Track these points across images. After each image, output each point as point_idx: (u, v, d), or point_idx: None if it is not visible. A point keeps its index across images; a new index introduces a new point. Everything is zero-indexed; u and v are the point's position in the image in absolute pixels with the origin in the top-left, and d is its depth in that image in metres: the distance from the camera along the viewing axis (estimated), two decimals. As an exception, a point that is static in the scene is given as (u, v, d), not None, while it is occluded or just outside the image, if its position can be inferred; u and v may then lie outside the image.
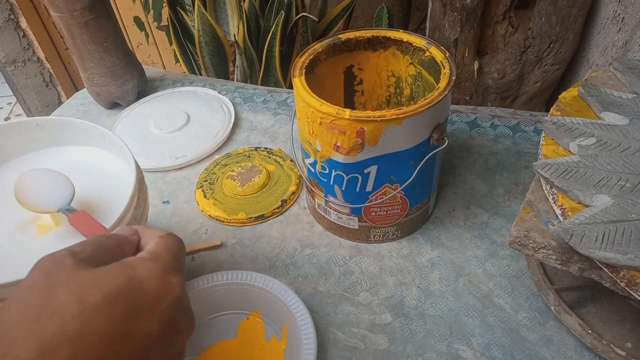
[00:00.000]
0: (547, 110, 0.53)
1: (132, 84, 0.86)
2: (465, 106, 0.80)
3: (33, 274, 0.27)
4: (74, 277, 0.26)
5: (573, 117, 0.51)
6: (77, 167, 0.54)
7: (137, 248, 0.33)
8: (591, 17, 1.05)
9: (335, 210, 0.61)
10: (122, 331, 0.26)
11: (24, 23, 1.70)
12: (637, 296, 0.39)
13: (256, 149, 0.77)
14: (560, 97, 0.55)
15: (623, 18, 0.93)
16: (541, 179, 0.48)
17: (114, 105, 0.89)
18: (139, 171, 0.50)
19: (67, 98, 0.95)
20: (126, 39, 0.85)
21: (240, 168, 0.73)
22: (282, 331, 0.53)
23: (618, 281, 0.40)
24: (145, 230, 0.34)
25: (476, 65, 1.12)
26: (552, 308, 0.53)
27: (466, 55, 1.11)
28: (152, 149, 0.79)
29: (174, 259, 0.31)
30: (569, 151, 0.49)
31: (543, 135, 0.51)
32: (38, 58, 1.79)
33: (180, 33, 1.16)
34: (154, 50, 1.89)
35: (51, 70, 1.84)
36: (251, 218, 0.67)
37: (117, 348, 0.26)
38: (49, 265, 0.27)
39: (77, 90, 0.96)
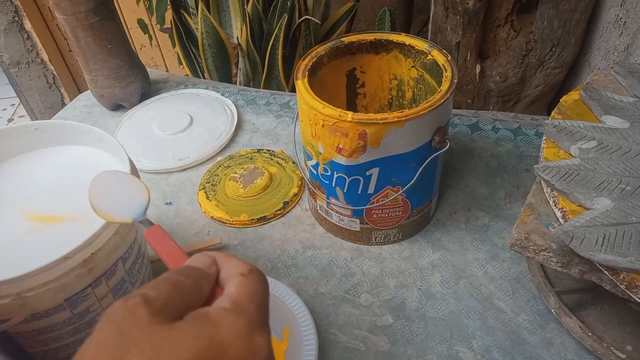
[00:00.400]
0: (549, 114, 0.54)
1: (136, 85, 0.86)
2: (467, 110, 0.81)
3: (104, 328, 0.24)
4: (148, 337, 0.23)
5: (574, 120, 0.52)
6: (76, 164, 0.55)
7: (217, 280, 0.29)
8: (593, 21, 1.05)
9: (337, 212, 0.61)
10: None
11: (28, 25, 1.71)
12: (637, 299, 0.39)
13: (259, 151, 0.78)
14: (561, 100, 0.56)
15: (625, 22, 0.93)
16: (542, 181, 0.48)
17: (118, 107, 0.89)
18: (134, 170, 0.50)
19: (71, 100, 0.95)
20: (130, 41, 0.85)
21: (242, 170, 0.73)
22: (284, 332, 0.54)
23: (618, 284, 0.40)
24: (224, 260, 0.30)
25: (478, 68, 1.12)
26: (552, 310, 0.53)
27: (468, 58, 1.11)
28: (155, 150, 0.79)
29: (259, 310, 0.27)
30: (570, 154, 0.49)
31: (544, 138, 0.52)
32: (42, 60, 1.80)
33: (184, 35, 1.16)
34: (157, 53, 1.90)
35: (55, 72, 1.84)
36: (253, 220, 0.67)
37: None
38: (121, 318, 0.24)
39: (80, 92, 0.96)
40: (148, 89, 0.91)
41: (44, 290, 0.41)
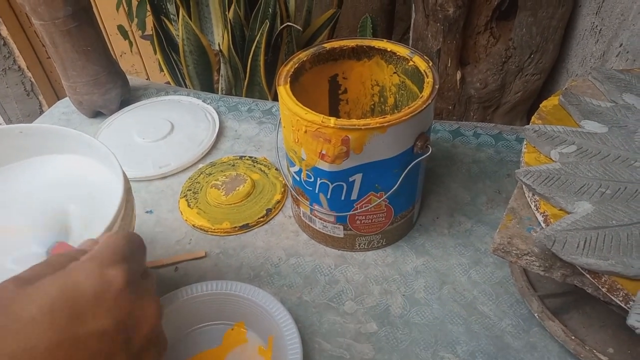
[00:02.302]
0: (529, 120, 0.54)
1: (115, 92, 0.85)
2: (448, 121, 0.81)
3: None
4: (11, 299, 0.26)
5: (554, 125, 0.52)
6: (62, 177, 0.53)
7: None
8: (570, 29, 1.07)
9: (320, 218, 0.61)
10: (70, 337, 0.26)
11: (4, 31, 1.67)
12: (618, 301, 0.40)
13: (241, 157, 0.77)
14: (541, 105, 0.56)
15: (600, 30, 0.95)
16: (523, 186, 0.48)
17: (97, 114, 0.88)
18: (127, 181, 0.49)
19: (49, 107, 0.93)
20: (110, 48, 0.84)
21: (224, 177, 0.72)
22: (268, 342, 0.53)
23: (600, 287, 0.41)
24: (105, 236, 0.33)
25: (459, 75, 1.13)
26: (535, 315, 0.53)
27: (449, 65, 1.12)
28: (135, 158, 0.78)
29: (113, 252, 0.30)
30: (551, 159, 0.49)
31: (525, 143, 0.52)
32: (19, 67, 1.77)
33: (165, 42, 1.15)
34: (138, 60, 1.88)
35: (32, 79, 1.81)
36: (235, 227, 0.66)
37: (70, 354, 0.26)
38: None
39: (59, 100, 0.94)
40: (128, 96, 0.90)
41: None
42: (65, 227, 0.47)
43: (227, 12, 1.05)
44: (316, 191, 0.58)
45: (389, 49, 0.61)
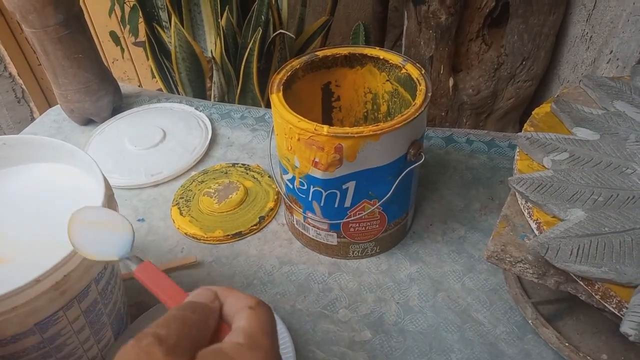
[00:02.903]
0: (521, 126, 0.55)
1: (107, 100, 0.84)
2: (440, 128, 0.81)
3: None
4: None
5: (546, 132, 0.52)
6: (45, 185, 0.53)
7: (220, 316, 0.29)
8: (561, 36, 1.08)
9: (313, 226, 0.61)
10: None
11: (-5, 38, 1.66)
12: (611, 308, 0.40)
13: (233, 165, 0.77)
14: (533, 113, 0.56)
15: (591, 37, 0.96)
16: (516, 193, 0.48)
17: (88, 121, 0.87)
18: (108, 187, 0.48)
19: (40, 115, 0.93)
20: (101, 54, 0.84)
21: (217, 185, 0.72)
22: (261, 350, 0.52)
23: (593, 294, 0.41)
24: (226, 293, 0.29)
25: (451, 81, 1.14)
26: (529, 322, 0.53)
27: (441, 72, 1.13)
28: (127, 165, 0.77)
29: (273, 342, 0.27)
30: (543, 166, 0.49)
31: (517, 150, 0.52)
32: (10, 73, 1.76)
33: (157, 49, 1.15)
34: (130, 66, 1.88)
35: (23, 86, 1.80)
36: (228, 235, 0.66)
37: None
38: (136, 358, 0.24)
39: (50, 107, 0.94)
40: (120, 103, 0.89)
41: (13, 315, 0.39)
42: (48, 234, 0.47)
43: (219, 20, 1.05)
44: (309, 199, 0.57)
45: (381, 57, 0.61)
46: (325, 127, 0.50)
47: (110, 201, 0.48)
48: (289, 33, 1.07)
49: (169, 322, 0.26)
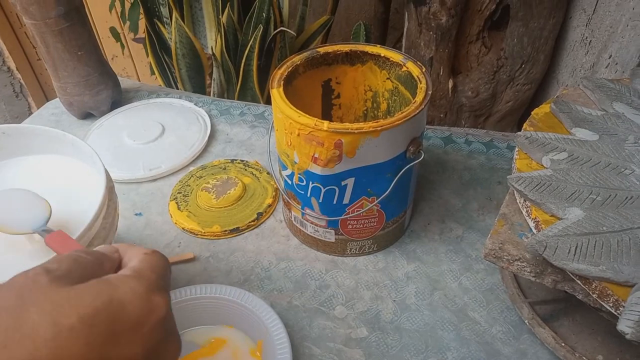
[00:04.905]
0: (519, 129, 0.55)
1: (106, 94, 0.84)
2: (439, 128, 0.82)
3: (3, 294, 0.25)
4: (48, 297, 0.24)
5: (545, 132, 0.52)
6: (45, 176, 0.53)
7: (119, 267, 0.30)
8: (561, 40, 1.09)
9: (312, 223, 0.61)
10: (100, 357, 0.24)
11: (-6, 32, 1.66)
12: (608, 307, 0.40)
13: (232, 161, 0.77)
14: (532, 113, 0.57)
15: (590, 41, 0.96)
16: (515, 192, 0.48)
17: (87, 115, 0.87)
18: (109, 179, 0.48)
19: (38, 109, 0.92)
20: (101, 49, 0.83)
21: (215, 180, 0.72)
22: (257, 346, 0.52)
23: (590, 293, 0.41)
24: (127, 248, 0.31)
25: (451, 83, 1.14)
26: (526, 321, 0.53)
27: (441, 73, 1.13)
28: (125, 160, 0.77)
29: (159, 277, 0.29)
30: (542, 165, 0.50)
31: (517, 149, 0.52)
32: (8, 68, 1.75)
33: (157, 45, 1.15)
34: (129, 63, 1.87)
35: (22, 81, 1.79)
36: (226, 231, 0.66)
37: None
38: (22, 284, 0.25)
39: (49, 102, 0.93)
40: (119, 98, 0.89)
41: None
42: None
43: (220, 16, 1.05)
44: (308, 195, 0.57)
45: (382, 55, 0.61)
46: (326, 123, 0.50)
47: (110, 193, 0.48)
48: (289, 31, 1.07)
49: (61, 258, 0.28)
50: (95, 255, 0.29)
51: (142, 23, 1.23)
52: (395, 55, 0.60)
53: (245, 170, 0.75)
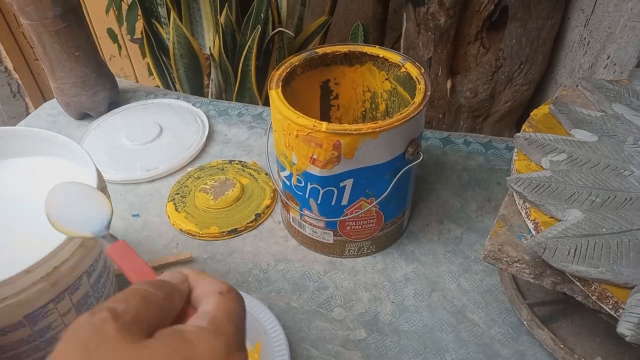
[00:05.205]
0: (518, 130, 0.55)
1: (104, 94, 0.84)
2: (438, 131, 0.81)
3: (68, 345, 0.22)
4: (117, 355, 0.21)
5: (545, 133, 0.52)
6: (38, 178, 0.52)
7: (188, 299, 0.27)
8: (559, 40, 1.09)
9: (310, 224, 0.60)
10: None
11: (-9, 32, 1.65)
12: (607, 309, 0.39)
13: (230, 162, 0.76)
14: (532, 114, 0.57)
15: (589, 42, 0.96)
16: (514, 193, 0.48)
17: (84, 115, 0.87)
18: (101, 179, 0.48)
19: (35, 110, 0.92)
20: (98, 50, 0.83)
21: (213, 181, 0.71)
22: (255, 348, 0.52)
23: (590, 295, 0.40)
24: (198, 279, 0.28)
25: (449, 84, 1.14)
26: (524, 323, 0.53)
27: (439, 74, 1.13)
28: (122, 160, 0.77)
29: (238, 331, 0.25)
30: (541, 166, 0.49)
31: (515, 150, 0.52)
32: (6, 68, 1.75)
33: (155, 45, 1.14)
34: (127, 63, 1.87)
35: (19, 81, 1.79)
36: (224, 232, 0.66)
37: None
38: (88, 334, 0.22)
39: (46, 102, 0.93)
40: (116, 98, 0.88)
41: (3, 306, 0.38)
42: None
43: (218, 17, 1.05)
44: (306, 196, 0.57)
45: (381, 55, 0.61)
46: (324, 124, 0.50)
47: (102, 193, 0.48)
48: (288, 31, 1.07)
49: (129, 296, 0.24)
50: (164, 289, 0.26)
51: (139, 24, 1.23)
52: (393, 56, 0.60)
53: (244, 171, 0.74)
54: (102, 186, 0.48)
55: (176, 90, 1.17)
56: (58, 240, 0.40)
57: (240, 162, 0.76)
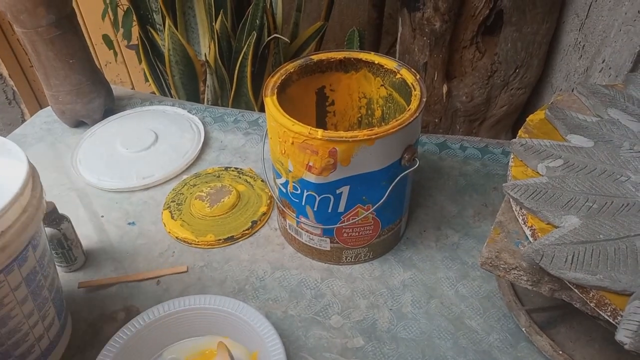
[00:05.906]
0: (514, 134, 0.54)
1: (99, 102, 0.84)
2: (434, 134, 0.81)
3: None
4: None
5: (540, 139, 0.52)
6: None
7: None
8: (554, 44, 1.09)
9: (306, 231, 0.60)
10: None
11: (-14, 39, 1.65)
12: (606, 316, 0.39)
13: (226, 169, 0.76)
14: (527, 119, 0.56)
15: (584, 46, 0.97)
16: (511, 200, 0.48)
17: (80, 123, 0.86)
18: (34, 174, 0.47)
19: (31, 116, 0.91)
20: (94, 57, 0.83)
21: (209, 188, 0.71)
22: (253, 357, 0.52)
23: (588, 302, 0.40)
24: None
25: (445, 88, 1.14)
26: (523, 329, 0.53)
27: (435, 78, 1.13)
28: (118, 168, 0.76)
29: None
30: (538, 172, 0.49)
31: (512, 156, 0.52)
32: (1, 74, 1.74)
33: (150, 52, 1.14)
34: (123, 69, 1.87)
35: (15, 88, 1.78)
36: (220, 240, 0.65)
37: None
38: None
39: (42, 109, 0.93)
40: (112, 106, 0.88)
41: None
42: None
43: (214, 23, 1.05)
44: (303, 203, 0.57)
45: (376, 62, 0.61)
46: (320, 131, 0.49)
47: (33, 180, 0.47)
48: (283, 37, 1.07)
49: None
50: None
51: (135, 30, 1.23)
52: (389, 62, 0.60)
53: (240, 178, 0.74)
54: (34, 175, 0.47)
55: (172, 97, 1.17)
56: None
57: (236, 169, 0.76)
